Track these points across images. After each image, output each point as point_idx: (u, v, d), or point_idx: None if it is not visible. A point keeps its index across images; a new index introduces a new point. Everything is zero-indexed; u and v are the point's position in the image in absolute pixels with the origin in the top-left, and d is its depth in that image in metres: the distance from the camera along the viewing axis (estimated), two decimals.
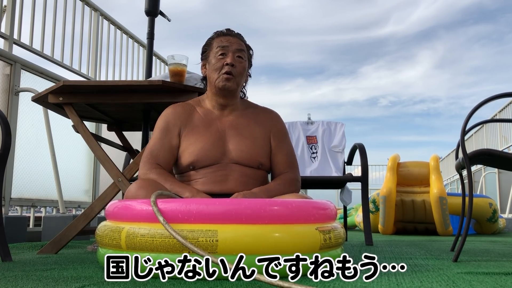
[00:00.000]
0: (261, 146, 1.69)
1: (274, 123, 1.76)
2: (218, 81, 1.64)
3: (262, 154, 1.68)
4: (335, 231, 1.36)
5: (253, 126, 1.71)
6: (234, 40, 1.68)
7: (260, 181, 1.67)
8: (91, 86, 2.04)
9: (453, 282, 1.19)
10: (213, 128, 1.67)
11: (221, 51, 1.65)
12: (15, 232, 2.79)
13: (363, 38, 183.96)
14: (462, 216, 2.33)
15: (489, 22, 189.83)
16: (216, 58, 1.65)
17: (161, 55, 5.60)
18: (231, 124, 1.69)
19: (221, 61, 1.65)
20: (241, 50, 1.68)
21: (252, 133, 1.69)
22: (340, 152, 3.28)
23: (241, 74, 1.68)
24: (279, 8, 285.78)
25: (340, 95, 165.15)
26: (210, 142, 1.64)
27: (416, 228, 4.52)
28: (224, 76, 1.63)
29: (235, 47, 1.66)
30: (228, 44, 1.66)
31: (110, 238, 1.30)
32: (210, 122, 1.68)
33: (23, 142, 3.26)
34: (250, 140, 1.67)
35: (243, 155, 1.63)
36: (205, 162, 1.62)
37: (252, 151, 1.65)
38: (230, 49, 1.65)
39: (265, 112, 1.79)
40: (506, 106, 7.45)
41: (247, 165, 1.64)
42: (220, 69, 1.64)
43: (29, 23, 3.44)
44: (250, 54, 1.75)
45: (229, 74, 1.63)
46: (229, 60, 1.63)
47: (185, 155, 1.64)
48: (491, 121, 6.50)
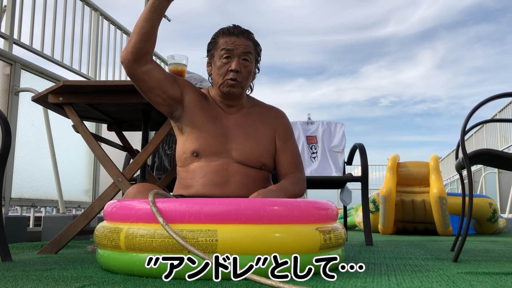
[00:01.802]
0: (265, 146, 1.68)
1: (280, 122, 1.75)
2: (223, 86, 1.63)
3: (265, 155, 1.67)
4: (336, 232, 1.36)
5: (258, 125, 1.70)
6: (240, 42, 1.63)
7: (262, 182, 1.66)
8: (91, 86, 2.04)
9: (453, 282, 1.19)
10: (219, 123, 1.66)
11: (226, 54, 1.62)
12: (15, 232, 2.79)
13: (364, 38, 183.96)
14: (462, 216, 2.33)
15: (490, 22, 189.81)
16: (221, 62, 1.62)
17: (162, 55, 5.60)
18: (236, 123, 1.68)
19: (226, 65, 1.62)
20: (247, 52, 1.64)
21: (257, 133, 1.68)
22: (340, 152, 3.28)
23: (247, 78, 1.66)
24: (280, 8, 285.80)
25: (341, 95, 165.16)
26: (214, 133, 1.62)
27: (416, 228, 4.52)
28: (229, 83, 1.61)
29: (240, 50, 1.62)
30: (233, 48, 1.61)
31: (109, 239, 1.30)
32: (216, 116, 1.67)
33: (23, 142, 3.26)
34: (254, 140, 1.66)
35: (246, 155, 1.62)
36: (209, 152, 1.60)
37: (255, 152, 1.64)
38: (236, 52, 1.61)
39: (270, 111, 1.78)
40: (506, 106, 7.45)
41: (249, 165, 1.63)
42: (224, 74, 1.62)
43: (29, 23, 3.44)
44: (258, 51, 1.71)
45: (234, 81, 1.61)
46: (233, 67, 1.60)
47: (191, 138, 1.62)
48: (491, 121, 6.50)
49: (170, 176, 2.32)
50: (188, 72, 2.19)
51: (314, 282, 1.16)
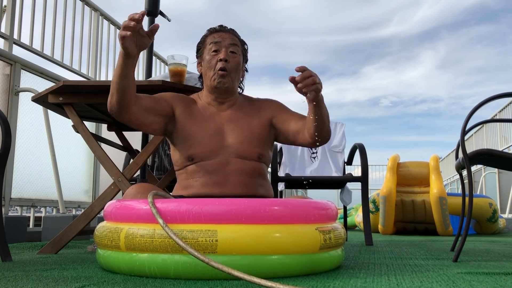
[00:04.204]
0: (260, 136, 1.68)
1: (271, 106, 1.75)
2: (213, 79, 1.65)
3: (261, 145, 1.68)
4: (336, 232, 1.36)
5: (250, 117, 1.70)
6: (227, 35, 1.69)
7: (261, 175, 1.67)
8: (91, 86, 2.04)
9: (453, 282, 1.19)
10: (212, 123, 1.67)
11: (214, 47, 1.66)
12: (15, 232, 2.79)
13: (366, 39, 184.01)
14: (462, 216, 2.33)
15: (492, 22, 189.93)
16: (210, 55, 1.66)
17: (162, 55, 5.60)
18: (230, 119, 1.68)
19: (214, 57, 1.65)
20: (234, 44, 1.68)
21: (250, 124, 1.69)
22: (340, 152, 3.28)
23: (235, 69, 1.68)
24: (281, 9, 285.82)
25: (342, 95, 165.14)
26: (208, 135, 1.63)
27: (416, 228, 4.52)
28: (219, 73, 1.64)
29: (228, 42, 1.67)
30: (220, 40, 1.67)
31: (109, 239, 1.30)
32: (208, 116, 1.68)
33: (23, 142, 3.26)
34: (249, 131, 1.67)
35: (243, 147, 1.63)
36: (204, 154, 1.60)
37: (251, 142, 1.65)
38: (223, 44, 1.66)
39: (260, 101, 1.78)
40: (506, 106, 7.46)
41: (247, 157, 1.63)
42: (214, 66, 1.65)
43: (29, 23, 3.44)
44: (244, 48, 1.76)
45: (223, 70, 1.63)
46: (222, 56, 1.64)
47: (184, 147, 1.63)
48: (491, 121, 6.50)
49: (170, 176, 2.32)
50: (188, 72, 2.19)
51: (314, 282, 1.16)
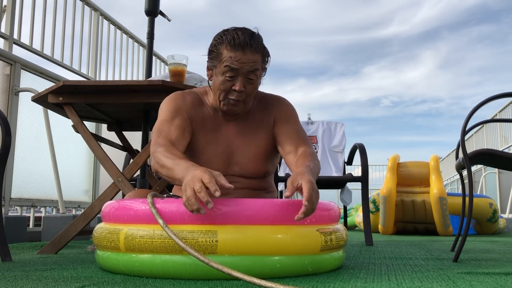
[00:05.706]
0: (266, 151, 1.60)
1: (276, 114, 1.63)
2: (223, 104, 1.51)
3: (267, 162, 1.61)
4: (337, 233, 1.35)
5: (259, 128, 1.61)
6: (247, 58, 1.44)
7: (265, 188, 1.64)
8: (91, 86, 2.04)
9: (453, 282, 1.19)
10: (220, 135, 1.57)
11: (230, 73, 1.45)
12: (15, 232, 2.79)
13: (367, 39, 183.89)
14: (462, 216, 2.33)
15: (493, 22, 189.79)
16: (224, 78, 1.46)
17: (161, 55, 5.60)
18: (238, 131, 1.59)
19: (228, 83, 1.47)
20: (253, 71, 1.46)
21: (257, 139, 1.60)
22: (340, 152, 3.28)
23: (251, 94, 1.52)
24: (282, 9, 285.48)
25: (343, 96, 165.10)
26: (216, 154, 1.55)
27: (416, 228, 4.52)
28: (231, 102, 1.49)
29: (246, 69, 1.45)
30: (238, 67, 1.44)
31: (108, 240, 1.30)
32: (216, 126, 1.58)
33: (23, 142, 3.26)
34: (256, 147, 1.58)
35: (249, 167, 1.57)
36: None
37: (258, 160, 1.58)
38: (241, 72, 1.45)
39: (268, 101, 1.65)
40: (506, 106, 7.46)
41: (253, 176, 1.59)
42: (227, 92, 1.48)
43: (29, 23, 3.44)
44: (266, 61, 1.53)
45: (237, 101, 1.49)
46: (237, 88, 1.46)
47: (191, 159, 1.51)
48: (491, 121, 6.49)
49: None
50: (188, 72, 2.19)
51: (314, 282, 1.16)
